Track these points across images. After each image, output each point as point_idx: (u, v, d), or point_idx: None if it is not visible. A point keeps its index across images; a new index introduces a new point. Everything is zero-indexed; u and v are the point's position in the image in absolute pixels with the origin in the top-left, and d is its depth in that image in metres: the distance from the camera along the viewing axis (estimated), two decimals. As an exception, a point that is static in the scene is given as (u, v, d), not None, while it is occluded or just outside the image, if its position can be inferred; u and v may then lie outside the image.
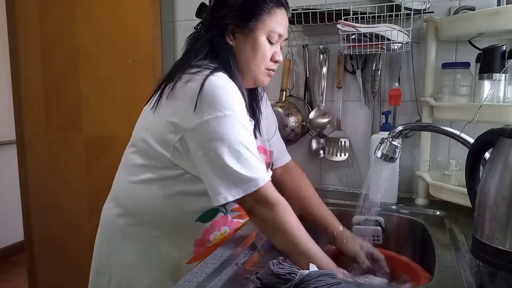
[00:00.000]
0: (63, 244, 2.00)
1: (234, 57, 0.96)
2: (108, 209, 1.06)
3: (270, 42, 0.97)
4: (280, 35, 0.98)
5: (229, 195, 0.85)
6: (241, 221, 1.06)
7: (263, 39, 0.96)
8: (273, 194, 0.89)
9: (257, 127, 1.09)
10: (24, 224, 2.11)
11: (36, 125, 1.99)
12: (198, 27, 1.02)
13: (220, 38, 0.96)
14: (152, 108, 0.94)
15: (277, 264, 0.68)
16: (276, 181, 1.18)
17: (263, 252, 0.96)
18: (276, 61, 1.00)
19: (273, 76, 1.02)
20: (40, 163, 2.01)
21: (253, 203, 0.89)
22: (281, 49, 1.02)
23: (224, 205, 0.95)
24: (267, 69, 1.00)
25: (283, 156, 1.23)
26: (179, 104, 0.89)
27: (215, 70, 0.90)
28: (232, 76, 0.93)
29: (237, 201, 0.89)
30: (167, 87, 0.92)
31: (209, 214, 0.97)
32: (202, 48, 0.96)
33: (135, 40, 1.71)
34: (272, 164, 1.17)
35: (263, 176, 0.87)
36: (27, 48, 1.95)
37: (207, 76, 0.87)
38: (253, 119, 1.07)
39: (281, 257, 0.70)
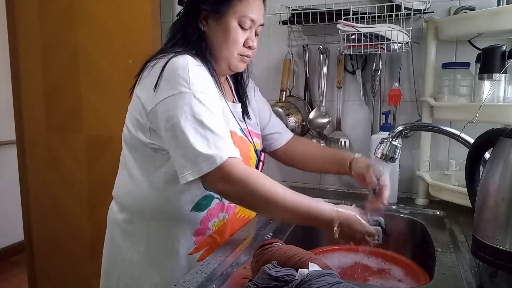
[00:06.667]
0: (63, 244, 1.99)
1: (206, 42, 0.97)
2: (111, 209, 1.07)
3: (243, 28, 0.97)
4: (252, 21, 0.97)
5: (190, 175, 0.83)
6: None
7: (234, 24, 0.96)
8: (238, 170, 0.84)
9: (245, 111, 1.10)
10: (24, 224, 2.11)
11: (36, 125, 1.98)
12: (180, 15, 1.03)
13: (194, 23, 0.97)
14: (129, 97, 0.98)
15: (273, 268, 0.67)
16: (286, 156, 1.24)
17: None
18: (249, 47, 0.99)
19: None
20: (40, 163, 2.01)
21: (216, 181, 0.84)
22: (257, 35, 1.01)
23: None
24: (241, 55, 0.99)
25: (283, 135, 1.25)
26: (145, 87, 0.91)
27: (180, 52, 0.91)
28: (204, 60, 0.94)
29: (202, 180, 0.86)
30: (140, 75, 0.95)
31: (204, 202, 0.96)
32: (177, 34, 0.99)
33: (135, 40, 1.70)
34: (265, 148, 1.17)
35: (220, 154, 0.82)
36: (27, 48, 1.95)
37: (170, 58, 0.89)
38: (241, 104, 1.10)
39: (275, 261, 0.70)
